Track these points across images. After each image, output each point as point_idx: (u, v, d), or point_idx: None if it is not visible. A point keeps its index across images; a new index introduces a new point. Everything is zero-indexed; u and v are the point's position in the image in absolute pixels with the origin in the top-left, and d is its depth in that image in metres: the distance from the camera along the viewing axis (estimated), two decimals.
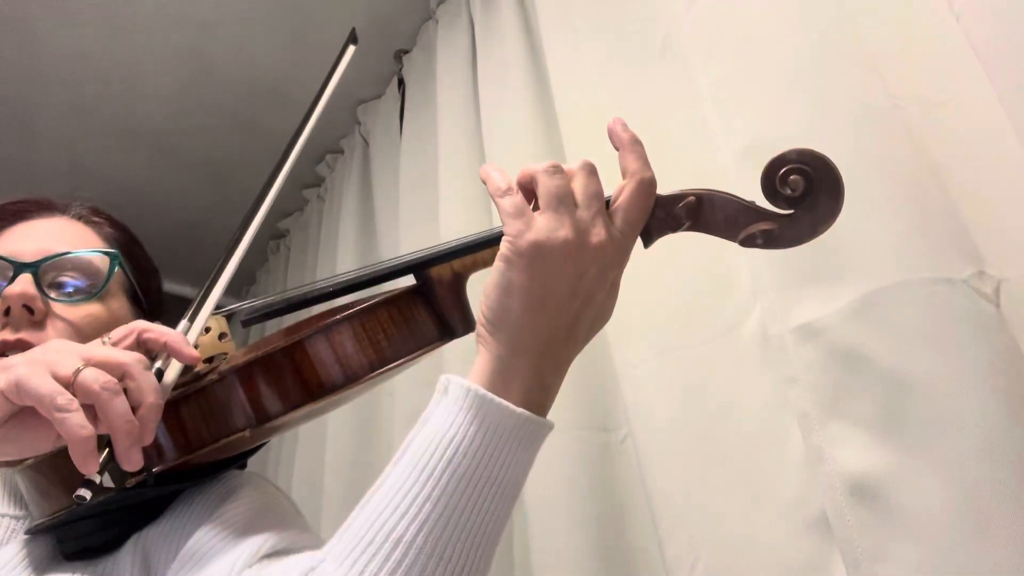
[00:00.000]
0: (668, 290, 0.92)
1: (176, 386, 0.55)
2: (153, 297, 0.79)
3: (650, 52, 1.04)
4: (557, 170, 0.50)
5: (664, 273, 0.91)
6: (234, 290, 1.92)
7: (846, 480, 0.68)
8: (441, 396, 0.49)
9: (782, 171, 0.49)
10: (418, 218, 1.52)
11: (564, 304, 0.49)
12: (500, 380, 0.49)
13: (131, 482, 0.56)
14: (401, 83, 1.80)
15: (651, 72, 1.03)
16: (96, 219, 0.76)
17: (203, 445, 0.55)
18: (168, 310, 0.81)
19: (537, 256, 0.48)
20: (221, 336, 0.61)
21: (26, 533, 0.59)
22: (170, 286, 0.87)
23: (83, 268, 0.70)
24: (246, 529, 0.56)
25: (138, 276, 0.76)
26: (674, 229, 0.53)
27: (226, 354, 0.61)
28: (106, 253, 0.71)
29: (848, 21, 0.79)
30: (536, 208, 0.50)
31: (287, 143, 0.67)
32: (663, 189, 0.53)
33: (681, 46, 0.97)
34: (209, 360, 0.60)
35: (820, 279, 0.74)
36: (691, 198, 0.52)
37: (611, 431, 1.02)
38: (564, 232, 0.48)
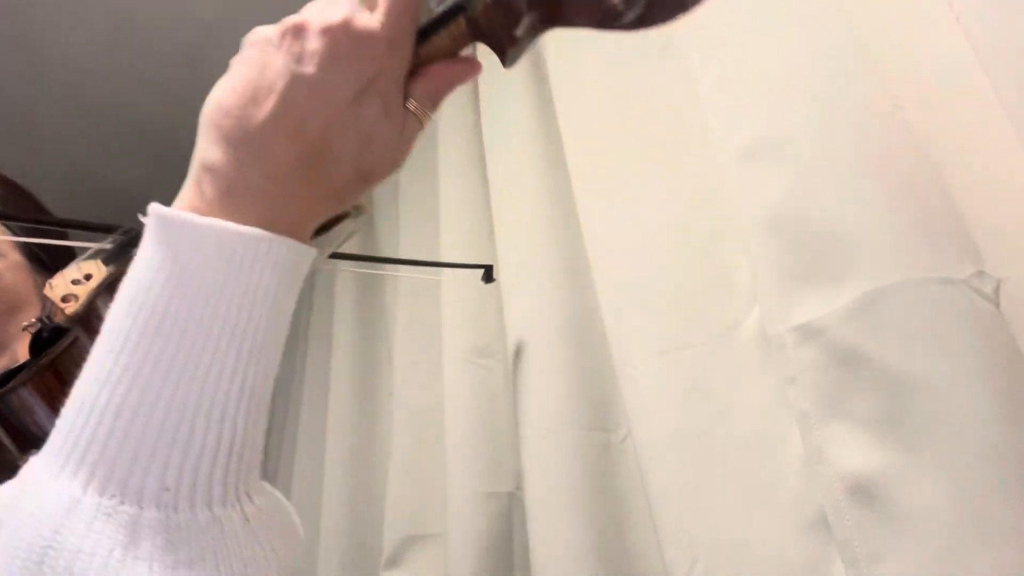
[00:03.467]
0: (668, 290, 0.92)
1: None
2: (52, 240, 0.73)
3: (650, 51, 1.04)
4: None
5: (663, 273, 0.91)
6: None
7: (845, 480, 0.68)
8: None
9: None
10: (418, 218, 1.52)
11: (287, 103, 0.40)
12: (205, 198, 0.41)
13: None
14: None
15: (651, 72, 1.03)
16: None
17: None
18: None
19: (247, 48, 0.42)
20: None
21: None
22: None
23: None
24: None
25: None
26: (525, 28, 0.44)
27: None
28: None
29: (848, 21, 0.79)
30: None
31: None
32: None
33: (681, 46, 0.97)
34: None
35: (820, 279, 0.74)
36: None
37: (611, 431, 1.02)
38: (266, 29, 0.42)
